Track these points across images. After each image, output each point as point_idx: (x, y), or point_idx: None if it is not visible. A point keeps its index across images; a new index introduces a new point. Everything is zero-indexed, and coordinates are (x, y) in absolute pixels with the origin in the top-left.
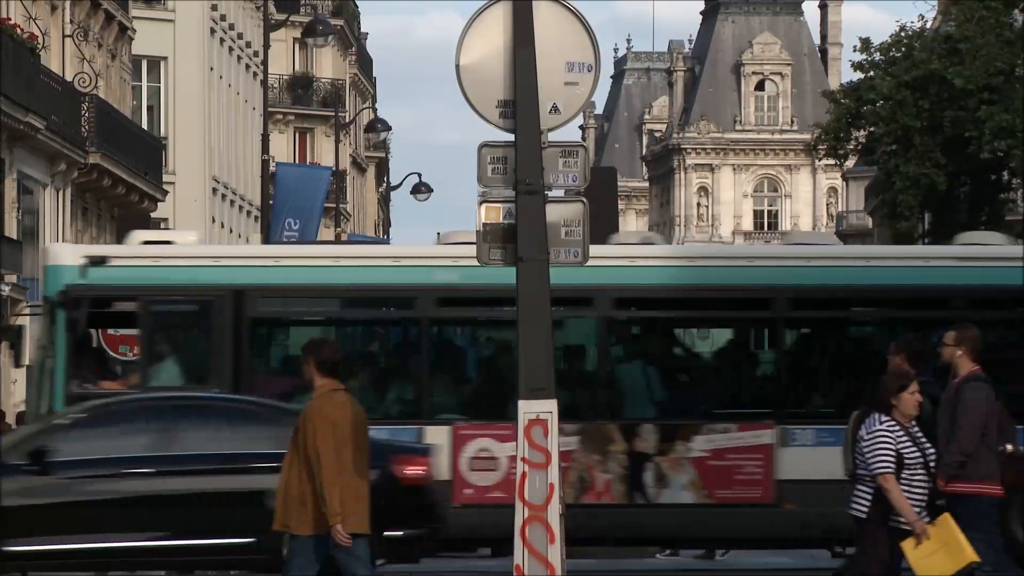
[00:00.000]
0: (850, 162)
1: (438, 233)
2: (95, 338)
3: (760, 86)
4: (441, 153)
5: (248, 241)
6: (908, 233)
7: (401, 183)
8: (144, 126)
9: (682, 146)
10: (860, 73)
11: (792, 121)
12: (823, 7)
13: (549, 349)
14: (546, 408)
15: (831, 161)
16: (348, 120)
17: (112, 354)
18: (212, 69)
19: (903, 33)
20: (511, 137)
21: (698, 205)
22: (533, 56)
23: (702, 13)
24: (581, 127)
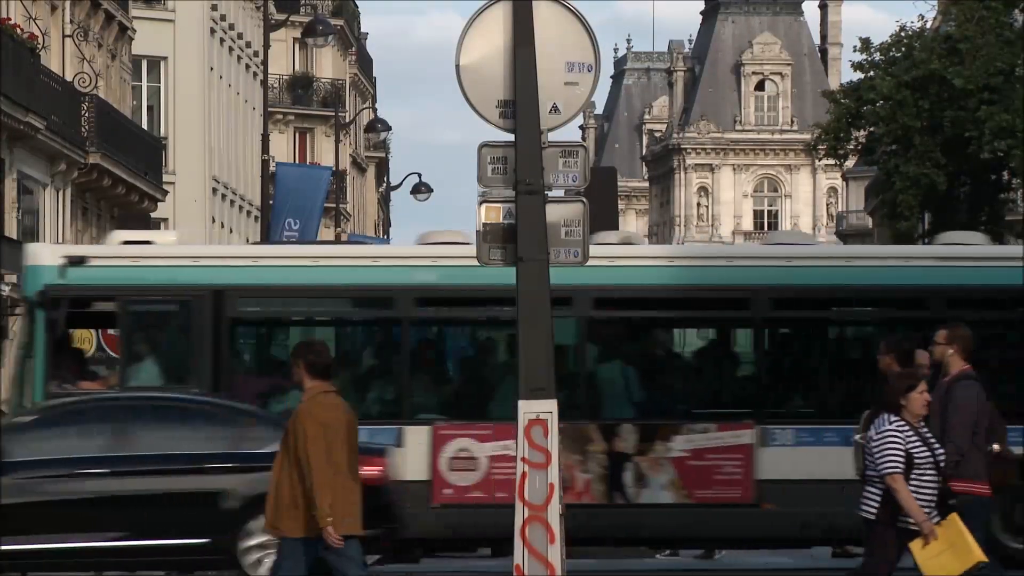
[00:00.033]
0: (850, 162)
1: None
2: (95, 338)
3: (760, 86)
4: (441, 153)
5: (248, 241)
6: (908, 233)
7: (401, 183)
8: (144, 126)
9: (682, 146)
10: (860, 73)
11: (792, 121)
12: (823, 7)
13: (549, 349)
14: (546, 408)
15: (831, 161)
16: (348, 120)
17: (111, 353)
18: (212, 69)
19: (903, 33)
20: (511, 137)
21: (698, 205)
22: (533, 56)
23: (702, 13)
24: (581, 127)
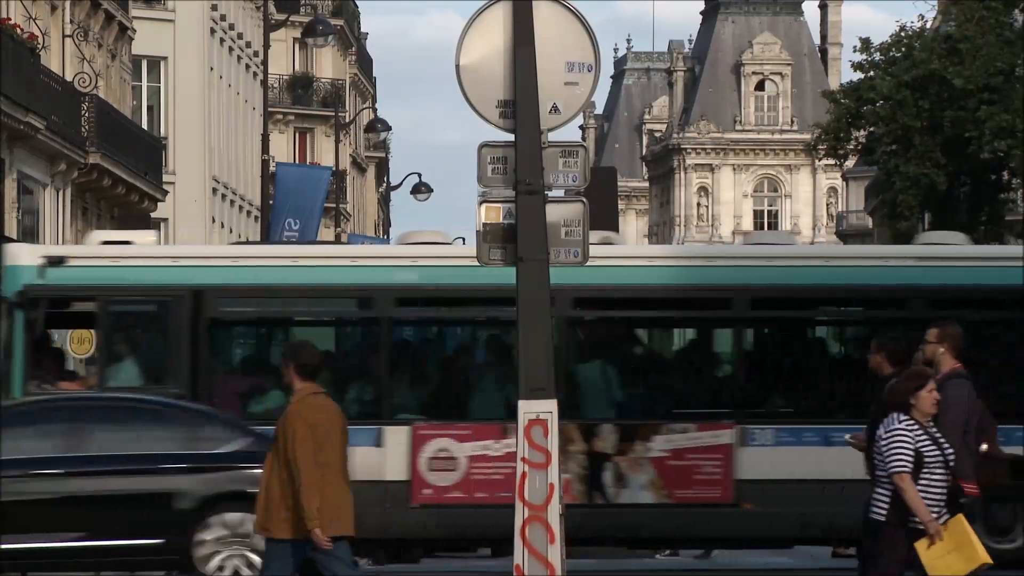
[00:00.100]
0: (850, 162)
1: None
2: (95, 338)
3: (760, 86)
4: (441, 153)
5: (247, 241)
6: (908, 233)
7: (401, 183)
8: (144, 126)
9: (682, 146)
10: (860, 73)
11: (792, 121)
12: (823, 7)
13: (549, 349)
14: (546, 408)
15: (831, 161)
16: (348, 120)
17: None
18: (212, 69)
19: (903, 33)
20: (511, 137)
21: (698, 205)
22: (533, 56)
23: (702, 13)
24: (581, 127)
